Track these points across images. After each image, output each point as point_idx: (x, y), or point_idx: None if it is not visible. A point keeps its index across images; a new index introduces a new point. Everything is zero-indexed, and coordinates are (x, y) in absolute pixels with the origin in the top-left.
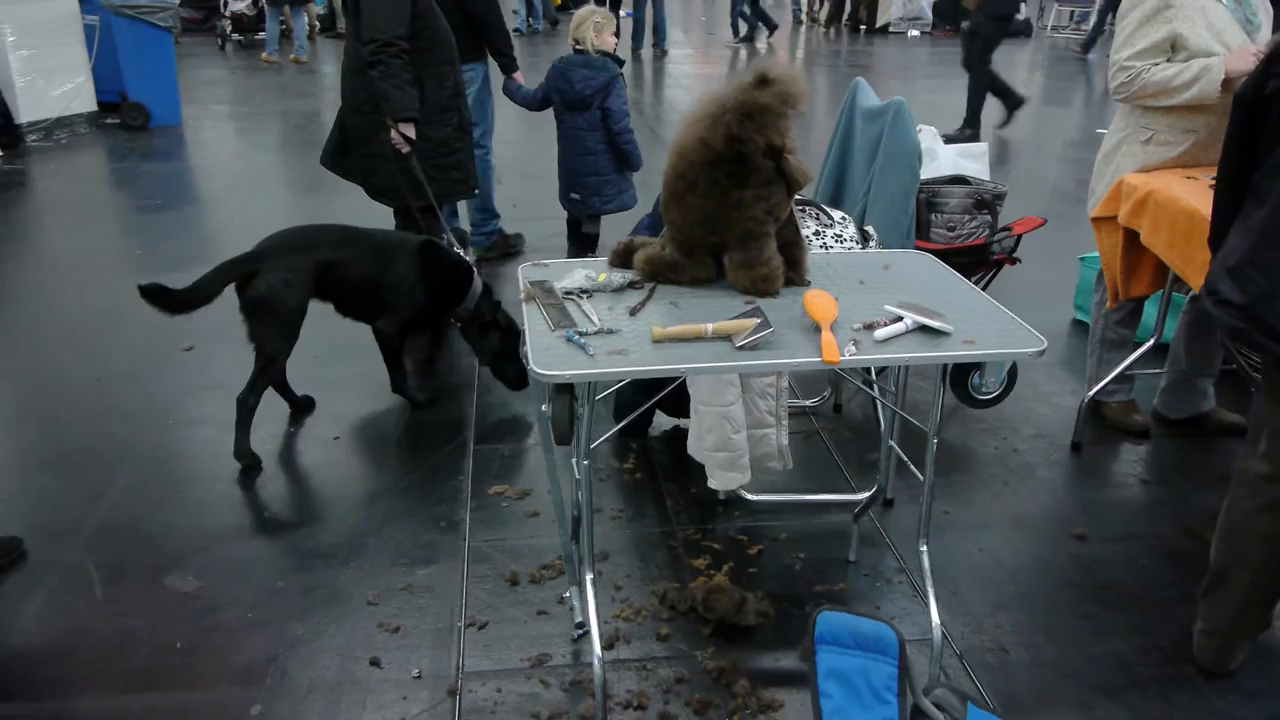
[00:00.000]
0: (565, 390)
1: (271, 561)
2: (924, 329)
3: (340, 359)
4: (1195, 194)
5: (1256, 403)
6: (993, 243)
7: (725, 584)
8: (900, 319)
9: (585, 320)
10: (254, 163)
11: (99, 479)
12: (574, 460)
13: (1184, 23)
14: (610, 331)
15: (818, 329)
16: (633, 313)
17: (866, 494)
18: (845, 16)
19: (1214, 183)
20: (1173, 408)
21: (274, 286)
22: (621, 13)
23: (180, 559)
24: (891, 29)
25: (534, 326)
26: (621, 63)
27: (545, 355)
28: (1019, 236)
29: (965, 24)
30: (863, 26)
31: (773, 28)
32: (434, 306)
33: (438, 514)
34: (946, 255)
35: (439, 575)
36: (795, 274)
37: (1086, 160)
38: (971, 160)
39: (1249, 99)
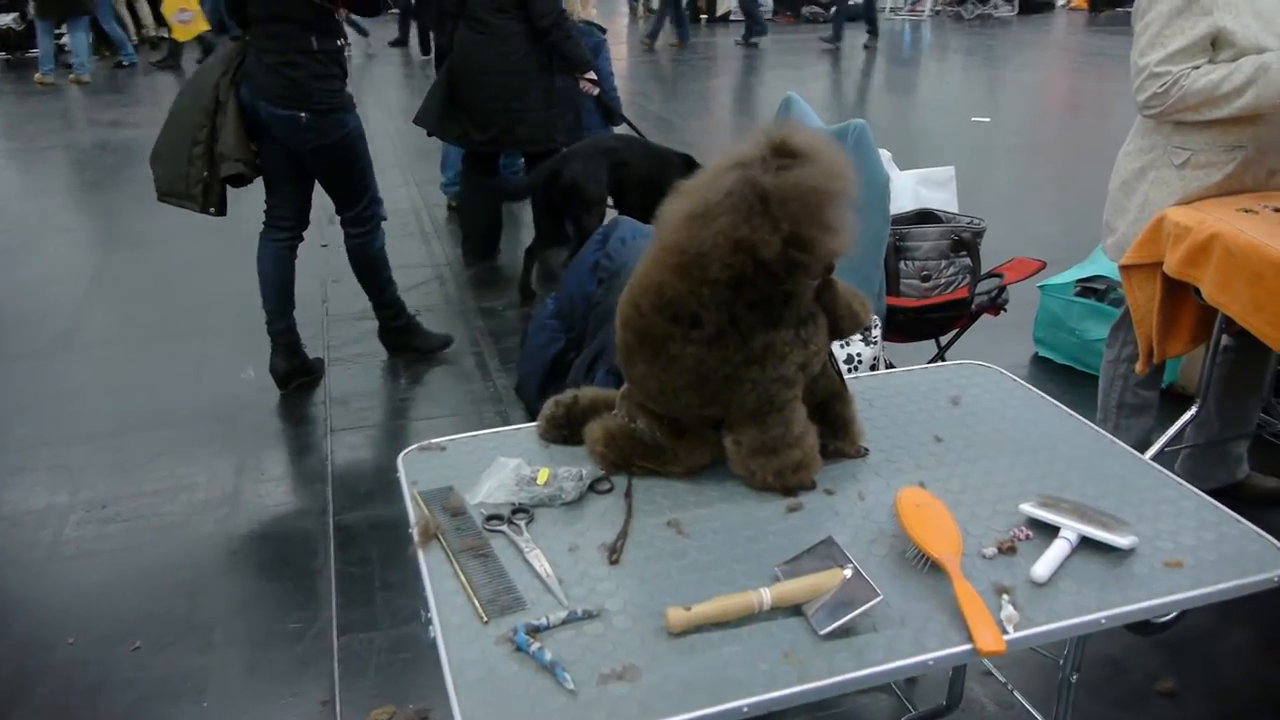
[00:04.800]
0: None
1: None
2: (1086, 539)
3: (132, 463)
4: (1275, 235)
5: None
6: (979, 294)
7: None
8: (1054, 529)
9: (537, 584)
10: (25, 213)
11: None
12: None
13: (1226, 12)
14: (588, 615)
15: (926, 562)
16: (612, 557)
17: None
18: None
19: None
20: (1202, 477)
21: (577, 176)
22: None
23: None
24: (733, 17)
25: (446, 610)
26: (604, 30)
27: (482, 696)
28: (1005, 285)
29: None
30: (703, 16)
31: None
32: None
33: None
34: (922, 312)
35: None
36: (845, 443)
37: (982, 159)
38: (936, 189)
39: None
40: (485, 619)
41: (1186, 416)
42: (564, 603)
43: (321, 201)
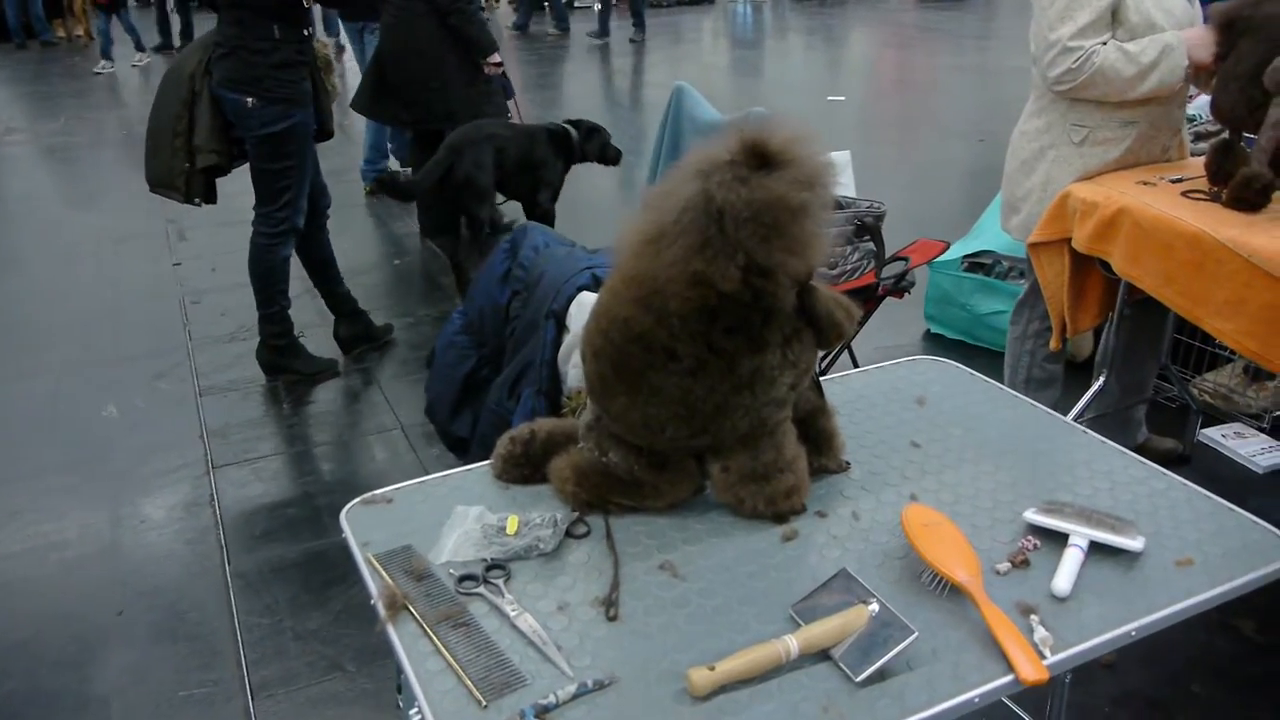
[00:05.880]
0: None
1: None
2: (1095, 544)
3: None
4: (1178, 207)
5: None
6: (884, 278)
7: None
8: (1064, 537)
9: (532, 654)
10: None
11: None
12: None
13: None
14: (600, 686)
15: (944, 586)
16: (609, 613)
17: None
18: None
19: (1186, 189)
20: None
21: (469, 170)
22: None
23: None
24: (576, 4)
25: (434, 696)
26: None
27: None
28: (911, 268)
29: None
30: (546, 3)
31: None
32: (566, 170)
33: None
34: None
35: None
36: (828, 458)
37: (846, 137)
38: None
39: None
40: (484, 703)
41: (1095, 388)
42: (569, 674)
43: (174, 215)
